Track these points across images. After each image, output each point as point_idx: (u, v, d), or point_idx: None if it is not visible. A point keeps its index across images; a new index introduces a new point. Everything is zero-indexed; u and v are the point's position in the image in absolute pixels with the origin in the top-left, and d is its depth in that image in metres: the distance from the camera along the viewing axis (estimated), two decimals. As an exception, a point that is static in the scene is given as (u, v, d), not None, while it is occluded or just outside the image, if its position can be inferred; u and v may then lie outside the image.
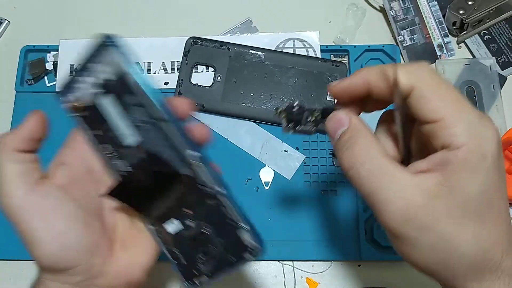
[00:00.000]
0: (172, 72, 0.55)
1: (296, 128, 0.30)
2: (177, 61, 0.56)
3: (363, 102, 0.29)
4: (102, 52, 0.32)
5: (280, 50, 0.56)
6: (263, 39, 0.56)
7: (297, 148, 0.52)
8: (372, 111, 0.30)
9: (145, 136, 0.31)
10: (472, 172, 0.23)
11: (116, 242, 0.32)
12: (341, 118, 0.27)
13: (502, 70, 0.54)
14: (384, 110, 0.30)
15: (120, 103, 0.31)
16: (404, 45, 0.55)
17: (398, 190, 0.24)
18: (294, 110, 0.29)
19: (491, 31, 0.56)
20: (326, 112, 0.29)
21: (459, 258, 0.23)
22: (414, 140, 0.28)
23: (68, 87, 0.32)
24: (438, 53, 0.55)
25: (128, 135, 0.31)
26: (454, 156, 0.23)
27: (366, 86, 0.27)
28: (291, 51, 0.55)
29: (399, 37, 0.56)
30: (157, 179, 0.30)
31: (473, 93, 0.53)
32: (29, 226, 0.30)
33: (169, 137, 0.30)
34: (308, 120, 0.30)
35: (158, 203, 0.31)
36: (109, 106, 0.32)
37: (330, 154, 0.52)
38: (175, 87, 0.54)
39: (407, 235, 0.24)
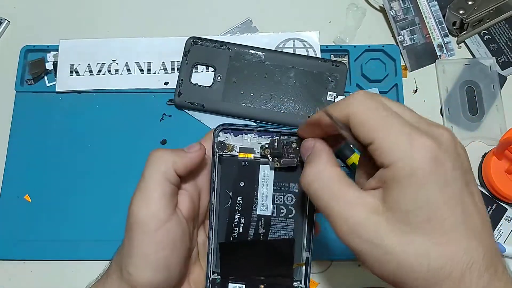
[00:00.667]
0: (172, 72, 0.55)
1: (281, 161, 0.32)
2: (177, 61, 0.55)
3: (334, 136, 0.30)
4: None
5: (280, 50, 0.56)
6: (263, 39, 0.56)
7: (297, 148, 0.52)
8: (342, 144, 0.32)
9: (276, 218, 0.33)
10: (402, 190, 0.23)
11: (193, 257, 0.35)
12: (308, 144, 0.30)
13: (502, 70, 0.54)
14: None
15: (279, 181, 0.33)
16: (404, 45, 0.55)
17: (343, 206, 0.25)
18: (275, 144, 0.32)
19: (491, 31, 0.56)
20: (298, 143, 0.32)
21: (407, 272, 0.23)
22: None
23: (234, 128, 0.33)
24: (438, 53, 0.55)
25: (266, 208, 0.33)
26: (386, 174, 0.24)
27: (320, 127, 0.29)
28: (291, 51, 0.55)
29: (399, 37, 0.56)
30: (257, 255, 0.33)
31: (473, 93, 0.53)
32: (144, 250, 0.30)
33: (296, 231, 0.33)
34: (289, 151, 0.32)
35: (240, 266, 0.33)
36: (268, 174, 0.33)
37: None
38: (175, 87, 0.54)
39: (357, 248, 0.25)
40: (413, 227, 0.23)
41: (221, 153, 0.33)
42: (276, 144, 0.32)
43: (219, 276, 0.33)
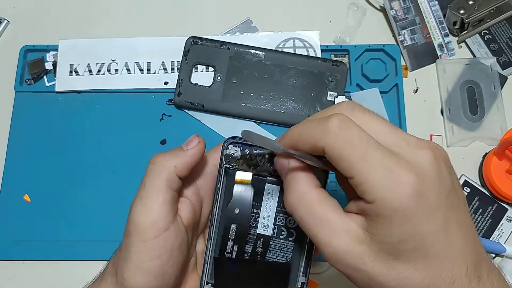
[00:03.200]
0: (172, 72, 0.55)
1: (258, 169, 0.32)
2: (177, 61, 0.55)
3: None
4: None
5: (280, 49, 0.55)
6: (263, 38, 0.56)
7: (297, 148, 0.52)
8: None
9: (275, 239, 0.33)
10: (386, 225, 0.24)
11: (191, 265, 0.34)
12: (282, 162, 0.28)
13: (503, 69, 0.54)
14: None
15: (283, 202, 0.32)
16: (405, 44, 0.55)
17: (328, 233, 0.25)
18: (247, 156, 0.32)
19: (492, 30, 0.56)
20: (271, 156, 0.32)
21: None
22: None
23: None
24: (439, 53, 0.55)
25: (266, 228, 0.33)
26: (369, 208, 0.24)
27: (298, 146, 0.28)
28: (291, 50, 0.55)
29: (400, 36, 0.55)
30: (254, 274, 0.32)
31: (474, 93, 0.53)
32: (140, 257, 0.30)
33: (294, 255, 0.33)
34: (264, 161, 0.32)
35: (234, 282, 0.33)
36: (273, 194, 0.33)
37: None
38: (175, 87, 0.54)
39: (344, 272, 0.26)
40: (397, 256, 0.24)
41: (228, 166, 0.33)
42: (248, 155, 0.32)
43: (212, 287, 0.33)
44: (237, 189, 0.31)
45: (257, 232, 0.33)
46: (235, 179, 0.31)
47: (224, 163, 0.32)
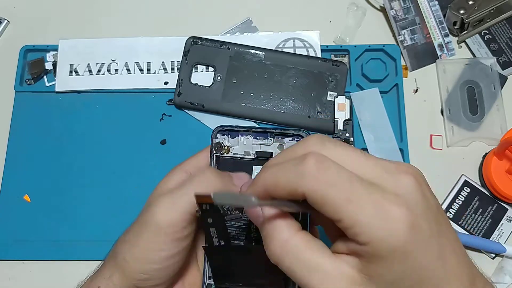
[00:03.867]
0: (172, 72, 0.55)
1: (227, 219, 0.32)
2: (177, 61, 0.55)
3: None
4: None
5: (280, 49, 0.55)
6: (263, 38, 0.56)
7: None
8: None
9: None
10: (385, 264, 0.22)
11: (192, 259, 0.35)
12: (255, 213, 0.26)
13: (503, 69, 0.54)
14: None
15: None
16: (405, 44, 0.55)
17: (321, 280, 0.24)
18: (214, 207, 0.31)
19: (492, 30, 0.56)
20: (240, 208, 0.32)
21: None
22: None
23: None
24: (439, 53, 0.55)
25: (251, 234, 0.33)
26: (363, 251, 0.23)
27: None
28: (291, 50, 0.55)
29: (400, 36, 0.55)
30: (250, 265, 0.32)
31: (474, 93, 0.53)
32: (149, 246, 0.31)
33: None
34: (231, 210, 0.32)
35: (234, 272, 0.33)
36: None
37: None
38: (174, 87, 0.54)
39: None
40: None
41: (218, 154, 0.34)
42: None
43: (214, 283, 0.33)
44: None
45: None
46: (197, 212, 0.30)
47: (214, 151, 0.34)
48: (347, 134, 0.52)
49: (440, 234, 0.24)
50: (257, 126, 0.32)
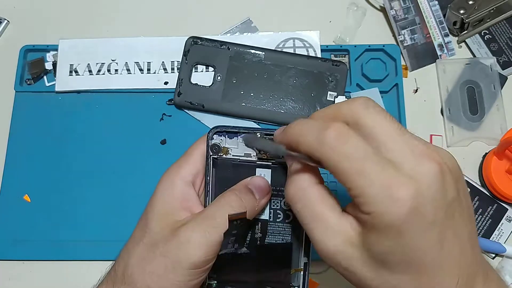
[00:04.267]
0: (172, 72, 0.55)
1: (268, 154, 0.32)
2: (177, 61, 0.55)
3: None
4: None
5: (280, 49, 0.55)
6: (263, 38, 0.56)
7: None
8: None
9: (273, 223, 0.33)
10: (380, 236, 0.23)
11: None
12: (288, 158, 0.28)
13: (503, 69, 0.54)
14: None
15: (276, 186, 0.32)
16: (405, 44, 0.55)
17: (322, 231, 0.26)
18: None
19: (492, 30, 0.56)
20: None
21: None
22: None
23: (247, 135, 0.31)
24: (439, 53, 0.55)
25: (262, 212, 0.33)
26: (364, 219, 0.24)
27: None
28: (291, 50, 0.55)
29: (400, 36, 0.55)
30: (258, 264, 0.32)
31: (474, 92, 0.53)
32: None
33: (294, 237, 0.33)
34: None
35: (236, 273, 0.33)
36: (265, 178, 0.33)
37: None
38: (174, 87, 0.54)
39: (336, 269, 0.26)
40: (386, 266, 0.24)
41: (216, 156, 0.32)
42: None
43: (215, 281, 0.33)
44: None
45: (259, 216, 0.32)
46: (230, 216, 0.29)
47: (211, 153, 0.32)
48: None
49: (447, 221, 0.24)
50: (257, 126, 0.31)
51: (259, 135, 0.31)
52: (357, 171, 0.23)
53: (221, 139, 0.32)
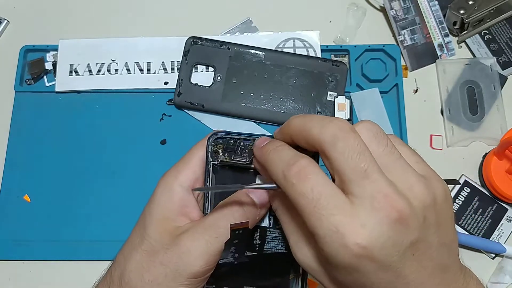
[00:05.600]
0: (172, 72, 0.55)
1: (232, 157, 0.31)
2: (177, 61, 0.55)
3: None
4: None
5: (280, 50, 0.55)
6: (263, 38, 0.56)
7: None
8: None
9: (272, 230, 0.33)
10: (333, 268, 0.25)
11: None
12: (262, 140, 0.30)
13: (503, 70, 0.54)
14: None
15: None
16: (405, 44, 0.55)
17: (296, 240, 0.28)
18: (231, 142, 0.31)
19: (492, 30, 0.56)
20: None
21: None
22: None
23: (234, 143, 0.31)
24: (439, 53, 0.55)
25: (262, 219, 0.32)
26: (321, 252, 0.24)
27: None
28: (291, 51, 0.55)
29: (400, 36, 0.55)
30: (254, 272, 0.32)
31: (474, 93, 0.53)
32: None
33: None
34: (243, 151, 0.31)
35: (235, 279, 0.32)
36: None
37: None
38: (174, 87, 0.54)
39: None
40: None
41: (215, 162, 0.32)
42: (232, 142, 0.31)
43: (213, 285, 0.33)
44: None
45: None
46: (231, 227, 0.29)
47: (211, 159, 0.32)
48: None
49: (403, 263, 0.24)
50: (257, 129, 0.31)
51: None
52: (310, 212, 0.24)
53: (221, 145, 0.32)
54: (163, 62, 0.56)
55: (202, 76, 0.54)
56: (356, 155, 0.24)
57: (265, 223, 0.32)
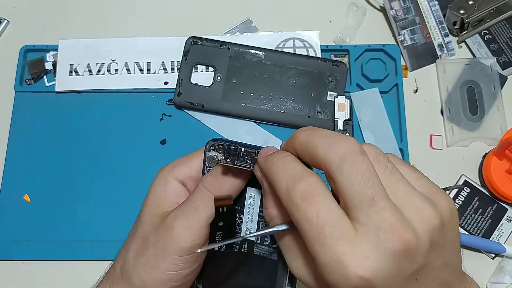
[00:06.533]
0: (172, 72, 0.55)
1: (235, 163, 0.31)
2: (177, 61, 0.55)
3: None
4: None
5: (280, 49, 0.55)
6: (263, 38, 0.56)
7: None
8: None
9: (259, 245, 0.32)
10: None
11: None
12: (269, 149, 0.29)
13: (503, 69, 0.54)
14: None
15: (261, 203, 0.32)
16: (405, 44, 0.55)
17: (292, 257, 0.27)
18: (232, 148, 0.31)
19: (492, 30, 0.56)
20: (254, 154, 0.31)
21: None
22: None
23: (230, 150, 0.31)
24: (439, 53, 0.55)
25: (249, 230, 0.32)
26: (321, 277, 0.24)
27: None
28: (291, 50, 0.55)
29: (400, 36, 0.55)
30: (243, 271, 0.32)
31: (474, 93, 0.53)
32: (172, 268, 0.30)
33: (279, 261, 0.32)
34: (246, 157, 0.31)
35: (223, 279, 0.32)
36: (255, 198, 0.32)
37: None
38: (174, 87, 0.54)
39: None
40: None
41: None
42: (232, 147, 0.31)
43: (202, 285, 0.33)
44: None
45: (241, 235, 0.32)
46: (215, 201, 0.29)
47: (208, 165, 0.32)
48: (347, 134, 0.52)
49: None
50: (257, 145, 0.31)
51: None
52: (313, 237, 0.23)
53: (219, 152, 0.32)
54: (163, 62, 0.56)
55: (202, 76, 0.54)
56: (364, 181, 0.22)
57: (253, 238, 0.32)
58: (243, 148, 0.30)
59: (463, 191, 0.50)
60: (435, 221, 0.23)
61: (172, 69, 0.55)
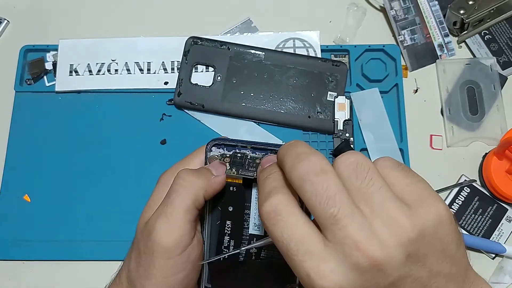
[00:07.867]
0: (172, 72, 0.55)
1: (240, 172, 0.31)
2: (177, 61, 0.55)
3: None
4: None
5: (280, 50, 0.55)
6: (263, 38, 0.56)
7: (297, 148, 0.52)
8: None
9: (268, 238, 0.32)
10: None
11: None
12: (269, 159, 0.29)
13: (503, 70, 0.54)
14: None
15: None
16: (405, 44, 0.55)
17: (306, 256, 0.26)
18: (238, 156, 0.31)
19: (492, 31, 0.56)
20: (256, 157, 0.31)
21: None
22: None
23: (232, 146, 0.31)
24: (439, 53, 0.55)
25: (258, 228, 0.32)
26: None
27: None
28: (291, 51, 0.55)
29: (400, 36, 0.55)
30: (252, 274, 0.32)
31: (474, 93, 0.53)
32: (165, 273, 0.30)
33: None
34: (251, 165, 0.31)
35: (231, 284, 0.33)
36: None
37: (330, 154, 0.51)
38: (174, 87, 0.54)
39: None
40: None
41: None
42: (238, 155, 0.31)
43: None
44: (228, 187, 0.31)
45: (249, 232, 0.32)
46: (226, 179, 0.30)
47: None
48: (347, 134, 0.52)
49: None
50: (256, 141, 0.31)
51: (238, 150, 0.31)
52: (284, 253, 0.23)
53: (219, 151, 0.32)
54: (163, 62, 0.56)
55: (202, 76, 0.54)
56: (324, 201, 0.22)
57: (261, 232, 0.32)
58: (249, 155, 0.31)
59: (463, 191, 0.50)
60: (410, 234, 0.22)
61: (172, 69, 0.55)
